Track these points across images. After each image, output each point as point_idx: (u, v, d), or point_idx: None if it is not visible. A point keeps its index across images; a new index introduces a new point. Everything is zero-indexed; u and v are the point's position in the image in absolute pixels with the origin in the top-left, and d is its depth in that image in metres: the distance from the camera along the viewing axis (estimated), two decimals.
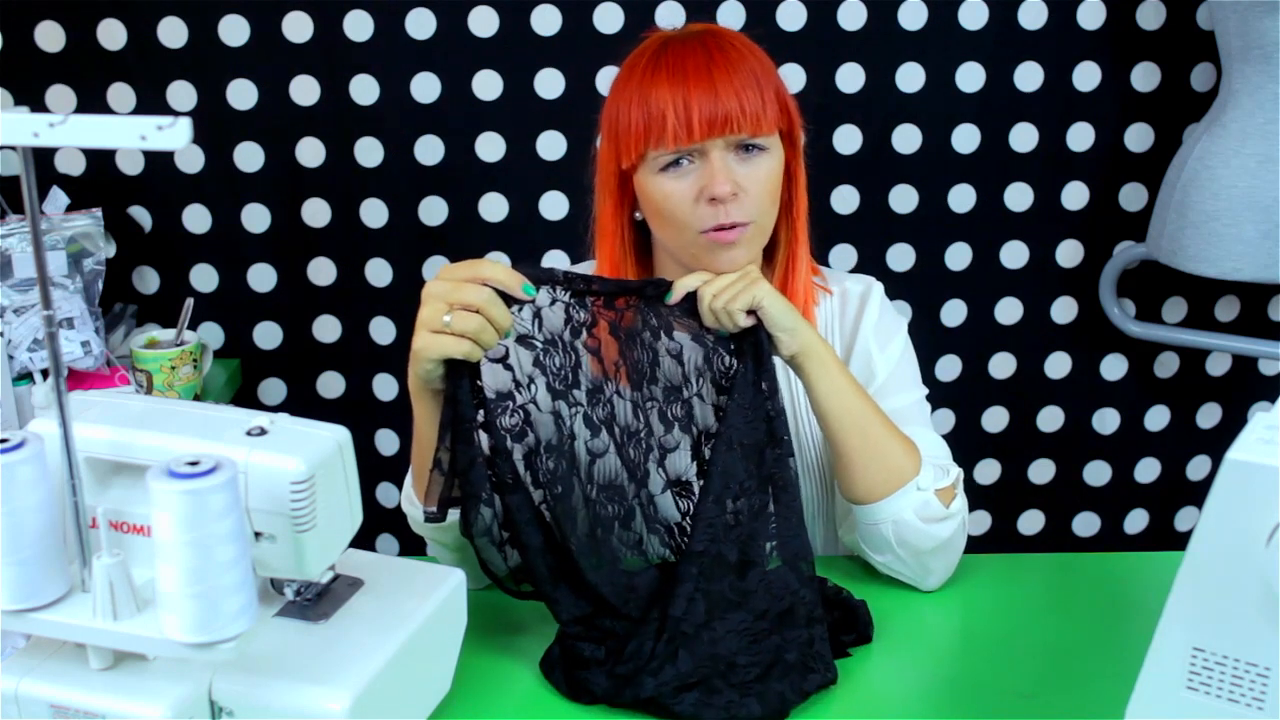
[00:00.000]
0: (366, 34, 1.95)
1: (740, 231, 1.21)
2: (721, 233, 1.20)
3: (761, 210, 1.23)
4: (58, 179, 1.99)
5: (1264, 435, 0.81)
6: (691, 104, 1.17)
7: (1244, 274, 1.91)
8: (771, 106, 1.21)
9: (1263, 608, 0.80)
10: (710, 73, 1.19)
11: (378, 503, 2.21)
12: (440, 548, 1.24)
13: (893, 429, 1.21)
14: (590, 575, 1.10)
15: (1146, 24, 2.01)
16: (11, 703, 0.87)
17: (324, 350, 2.13)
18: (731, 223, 1.20)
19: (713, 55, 1.20)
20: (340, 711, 0.89)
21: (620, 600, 1.11)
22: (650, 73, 1.21)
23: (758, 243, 1.25)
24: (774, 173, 1.23)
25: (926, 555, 1.21)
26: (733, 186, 1.19)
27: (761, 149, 1.21)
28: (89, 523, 0.86)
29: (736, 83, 1.19)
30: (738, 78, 1.19)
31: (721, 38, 1.23)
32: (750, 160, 1.21)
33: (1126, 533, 2.31)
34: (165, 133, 0.72)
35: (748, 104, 1.18)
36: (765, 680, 1.05)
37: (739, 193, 1.20)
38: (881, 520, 1.20)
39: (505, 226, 2.06)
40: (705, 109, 1.17)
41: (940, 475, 1.22)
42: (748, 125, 1.19)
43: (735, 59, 1.20)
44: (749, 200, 1.21)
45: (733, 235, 1.21)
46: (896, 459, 1.20)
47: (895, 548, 1.21)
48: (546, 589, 1.10)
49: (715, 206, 1.20)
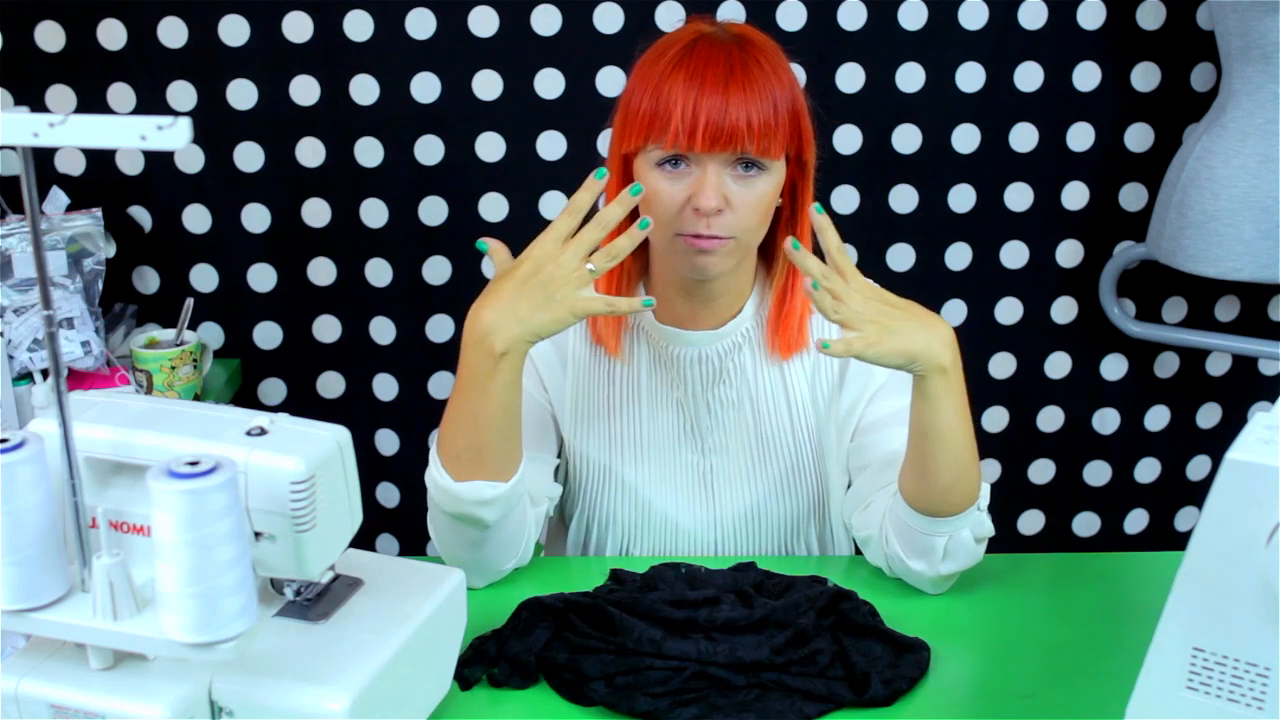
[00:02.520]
0: (366, 34, 1.95)
1: (718, 244, 1.21)
2: (698, 240, 1.21)
3: (745, 228, 1.22)
4: (58, 179, 1.99)
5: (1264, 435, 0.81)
6: (700, 111, 1.17)
7: (1244, 274, 1.91)
8: (783, 129, 1.20)
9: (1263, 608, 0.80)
10: (727, 85, 1.18)
11: (378, 503, 2.21)
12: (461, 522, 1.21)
13: (975, 446, 1.20)
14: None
15: (1146, 24, 2.01)
16: (11, 703, 0.87)
17: (324, 350, 2.13)
18: (711, 234, 1.20)
19: (735, 67, 1.19)
20: (340, 711, 0.89)
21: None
22: (672, 67, 1.20)
23: (735, 257, 1.24)
24: (768, 194, 1.22)
25: (955, 574, 1.22)
26: (720, 202, 1.19)
27: (761, 169, 1.21)
28: (89, 523, 0.86)
29: (751, 100, 1.18)
30: (754, 96, 1.18)
31: (751, 49, 1.21)
32: (746, 179, 1.21)
33: (1126, 533, 2.31)
34: (165, 133, 0.72)
35: (756, 123, 1.17)
36: (764, 700, 1.05)
37: (725, 209, 1.20)
38: (941, 532, 1.20)
39: (505, 226, 2.06)
40: (712, 120, 1.17)
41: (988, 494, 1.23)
42: (751, 144, 1.18)
43: (757, 75, 1.19)
44: (734, 217, 1.21)
45: (707, 245, 1.21)
46: (975, 479, 1.20)
47: (940, 559, 1.20)
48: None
49: (699, 216, 1.20)
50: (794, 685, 1.05)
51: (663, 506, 1.36)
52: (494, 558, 1.24)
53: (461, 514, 1.18)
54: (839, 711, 1.05)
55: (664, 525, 1.37)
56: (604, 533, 1.39)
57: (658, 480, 1.36)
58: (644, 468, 1.36)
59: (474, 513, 1.18)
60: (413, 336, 2.12)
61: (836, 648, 1.10)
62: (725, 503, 1.36)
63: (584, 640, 1.09)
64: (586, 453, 1.37)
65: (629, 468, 1.36)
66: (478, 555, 1.22)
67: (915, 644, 1.12)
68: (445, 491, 1.18)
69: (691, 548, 1.37)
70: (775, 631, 1.09)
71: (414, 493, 2.20)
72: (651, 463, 1.35)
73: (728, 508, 1.36)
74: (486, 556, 1.23)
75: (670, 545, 1.38)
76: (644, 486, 1.36)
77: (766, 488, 1.35)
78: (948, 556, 1.20)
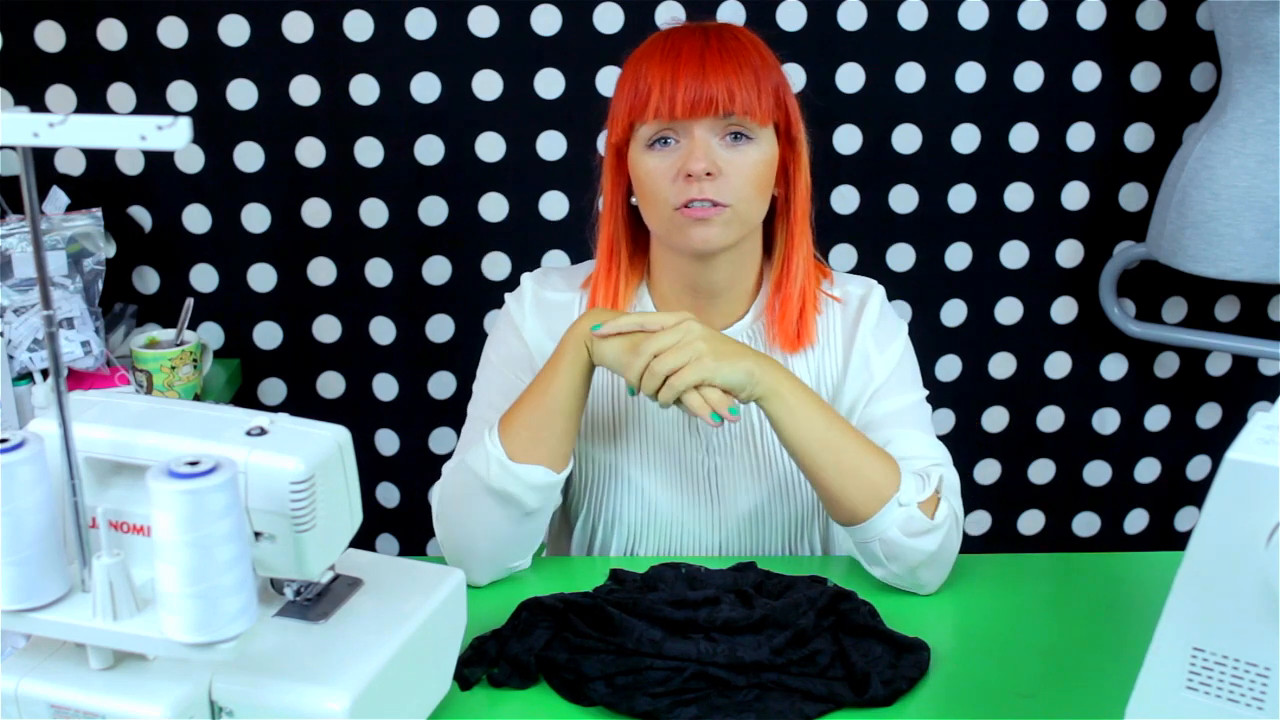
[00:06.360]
0: (366, 34, 1.95)
1: (715, 211, 1.21)
2: (693, 208, 1.21)
3: (741, 196, 1.23)
4: (58, 179, 1.99)
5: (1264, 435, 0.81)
6: (679, 82, 1.19)
7: (1244, 274, 1.91)
8: (767, 98, 1.22)
9: (1263, 608, 0.80)
10: (703, 56, 1.20)
11: (378, 503, 2.21)
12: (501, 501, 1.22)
13: (867, 447, 1.21)
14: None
15: (1146, 24, 2.01)
16: (11, 703, 0.87)
17: (324, 350, 2.13)
18: (705, 199, 1.21)
19: (710, 42, 1.22)
20: (340, 711, 0.89)
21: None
22: (647, 55, 1.23)
23: (735, 229, 1.24)
24: (760, 163, 1.23)
25: (917, 568, 1.22)
26: (709, 165, 1.20)
27: (749, 138, 1.22)
28: (89, 523, 0.86)
29: (728, 68, 1.20)
30: (730, 64, 1.20)
31: (726, 30, 1.24)
32: (737, 146, 1.22)
33: (1126, 533, 2.31)
34: (165, 133, 0.72)
35: (737, 89, 1.20)
36: (764, 700, 1.05)
37: (716, 173, 1.21)
38: (869, 539, 1.21)
39: (505, 226, 2.06)
40: (691, 88, 1.19)
41: (921, 486, 1.22)
42: (733, 105, 1.20)
43: (734, 48, 1.22)
44: (727, 183, 1.21)
45: (703, 212, 1.21)
46: (874, 478, 1.20)
47: (886, 563, 1.22)
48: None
49: (690, 183, 1.20)
50: (794, 685, 1.05)
51: (668, 506, 1.36)
52: (515, 550, 1.25)
53: (508, 493, 1.20)
54: (839, 711, 1.05)
55: (669, 525, 1.37)
56: (609, 533, 1.39)
57: (663, 480, 1.36)
58: (650, 467, 1.36)
59: (522, 495, 1.20)
60: (413, 336, 2.12)
61: (836, 648, 1.10)
62: (729, 502, 1.36)
63: (584, 640, 1.09)
64: (592, 453, 1.37)
65: (635, 467, 1.36)
66: (501, 544, 1.23)
67: (915, 644, 1.12)
68: (502, 466, 1.20)
69: (696, 548, 1.37)
70: (775, 632, 1.09)
71: (414, 493, 2.20)
72: (657, 462, 1.35)
73: (732, 507, 1.36)
74: (509, 548, 1.24)
75: (675, 545, 1.38)
76: (650, 486, 1.36)
77: (770, 487, 1.35)
78: (891, 559, 1.21)
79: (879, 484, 1.20)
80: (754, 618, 1.09)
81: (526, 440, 1.21)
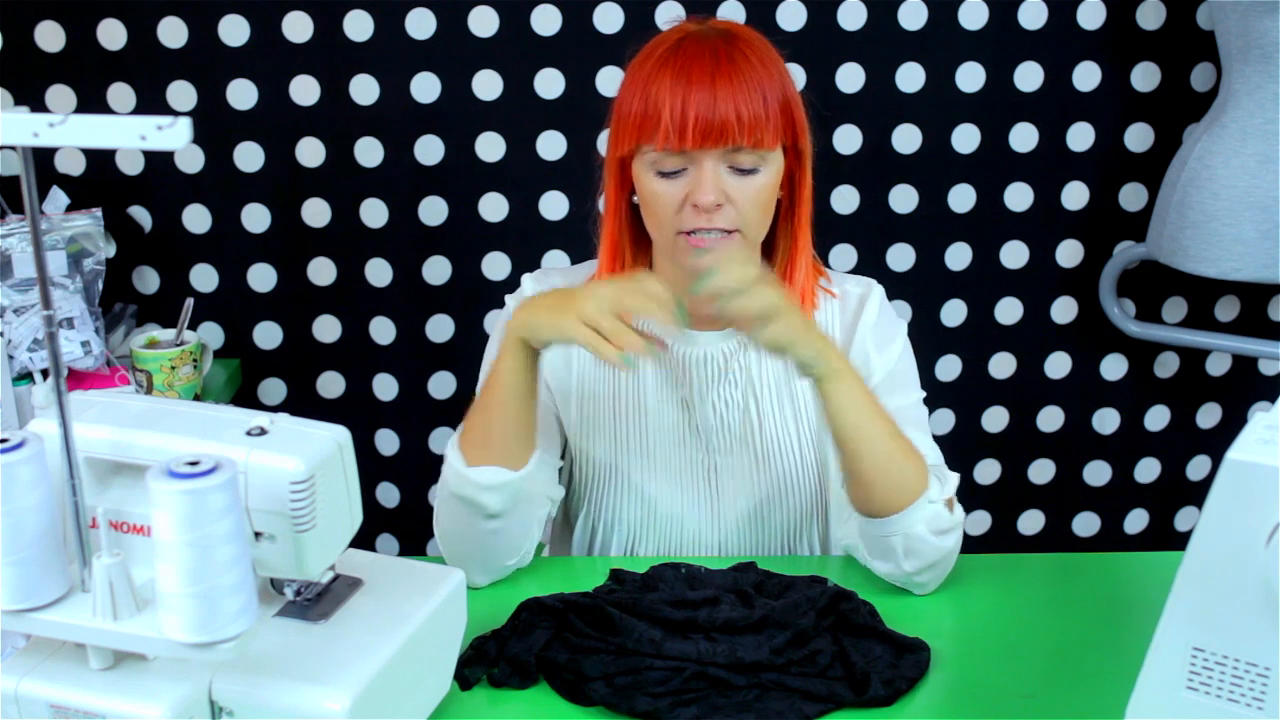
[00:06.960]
0: (366, 34, 1.95)
1: (723, 240, 1.21)
2: (697, 237, 1.21)
3: (749, 221, 1.22)
4: (58, 179, 1.99)
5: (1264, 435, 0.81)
6: (689, 108, 1.17)
7: (1244, 274, 1.91)
8: (775, 119, 1.20)
9: (1263, 608, 0.80)
10: (714, 79, 1.18)
11: (378, 503, 2.21)
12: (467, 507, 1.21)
13: (905, 443, 1.21)
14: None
15: (1146, 24, 2.01)
16: (11, 703, 0.87)
17: (324, 350, 2.13)
18: (714, 229, 1.20)
19: (720, 61, 1.19)
20: (340, 711, 0.89)
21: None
22: (659, 67, 1.20)
23: (741, 252, 1.24)
24: (767, 187, 1.23)
25: (931, 567, 1.21)
26: (718, 196, 1.19)
27: (758, 161, 1.21)
28: (89, 523, 0.86)
29: (739, 92, 1.18)
30: (742, 87, 1.18)
31: (737, 42, 1.21)
32: (744, 173, 1.21)
33: (1126, 533, 2.31)
34: (165, 133, 0.72)
35: (746, 115, 1.17)
36: (764, 700, 1.04)
37: (725, 204, 1.20)
38: (893, 533, 1.20)
39: (505, 226, 2.06)
40: (702, 116, 1.17)
41: (940, 486, 1.22)
42: (744, 137, 1.18)
43: (744, 67, 1.19)
44: (736, 211, 1.21)
45: (709, 242, 1.21)
46: (910, 473, 1.20)
47: (902, 559, 1.21)
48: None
49: (698, 213, 1.20)
50: (794, 685, 1.05)
51: (668, 505, 1.36)
52: (498, 552, 1.24)
53: (466, 497, 1.20)
54: (839, 711, 1.05)
55: (669, 524, 1.37)
56: (609, 532, 1.39)
57: (663, 479, 1.36)
58: (650, 467, 1.36)
59: (478, 498, 1.19)
60: (413, 336, 2.12)
61: (836, 648, 1.10)
62: (729, 502, 1.36)
63: (584, 640, 1.09)
64: (592, 453, 1.37)
65: (635, 467, 1.36)
66: (481, 547, 1.23)
67: (915, 644, 1.12)
68: (456, 473, 1.20)
69: (696, 547, 1.38)
70: (775, 632, 1.09)
71: (414, 493, 2.20)
72: (657, 462, 1.35)
73: (731, 507, 1.36)
74: (490, 549, 1.24)
75: (675, 545, 1.38)
76: (650, 485, 1.36)
77: (770, 487, 1.35)
78: (910, 555, 1.20)
79: (913, 480, 1.20)
80: (754, 618, 1.09)
81: (477, 442, 1.21)
